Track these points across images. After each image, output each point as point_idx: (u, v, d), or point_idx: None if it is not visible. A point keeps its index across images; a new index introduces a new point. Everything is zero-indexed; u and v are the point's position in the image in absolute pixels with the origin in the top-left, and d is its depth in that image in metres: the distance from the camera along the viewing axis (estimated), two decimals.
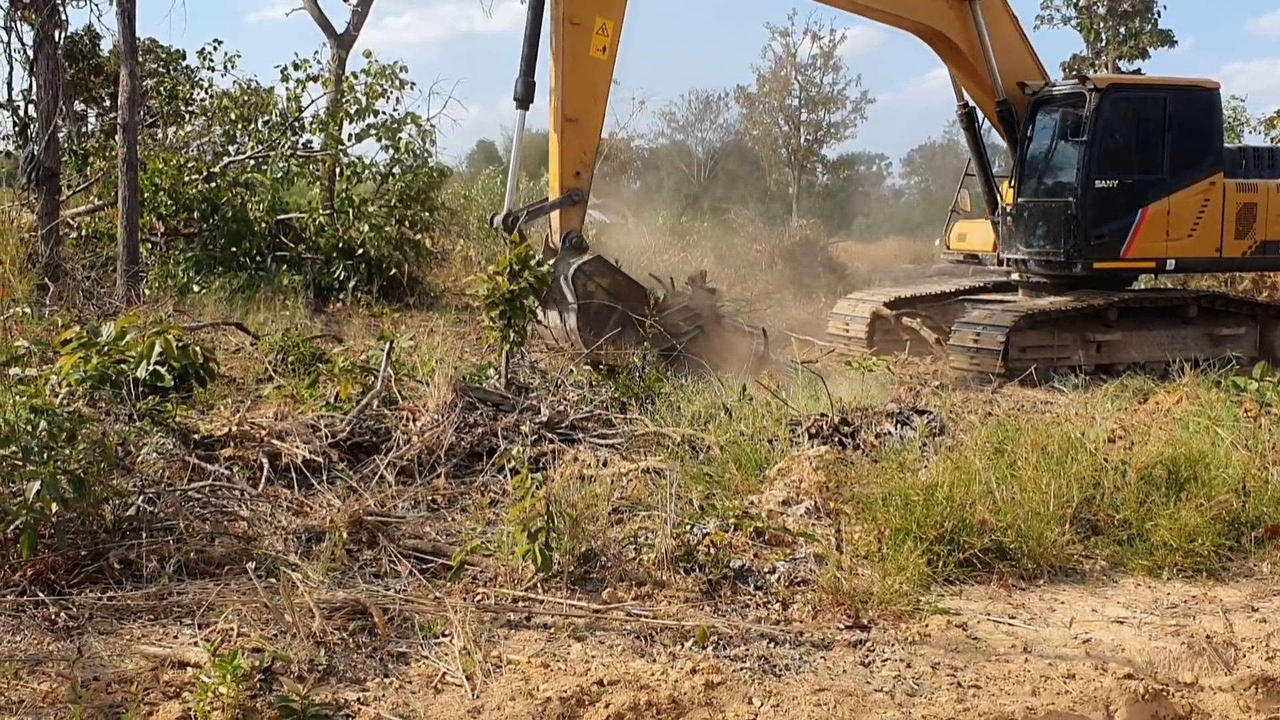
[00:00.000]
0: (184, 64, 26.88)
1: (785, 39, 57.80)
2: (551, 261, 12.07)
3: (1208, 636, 5.82)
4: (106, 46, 25.60)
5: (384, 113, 21.66)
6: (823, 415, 9.16)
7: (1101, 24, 44.17)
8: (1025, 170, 15.67)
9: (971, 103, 16.34)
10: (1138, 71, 42.78)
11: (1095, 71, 40.93)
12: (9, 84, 18.17)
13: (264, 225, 20.17)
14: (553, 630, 5.64)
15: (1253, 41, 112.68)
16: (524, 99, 12.76)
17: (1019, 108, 15.56)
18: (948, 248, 17.86)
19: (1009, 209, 15.80)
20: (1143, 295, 15.55)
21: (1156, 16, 43.78)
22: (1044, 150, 15.56)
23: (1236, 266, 16.80)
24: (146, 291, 16.30)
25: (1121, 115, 14.97)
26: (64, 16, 16.81)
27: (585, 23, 13.05)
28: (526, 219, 12.64)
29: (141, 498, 6.55)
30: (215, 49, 23.27)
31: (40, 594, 5.66)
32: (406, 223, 20.68)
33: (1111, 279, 15.23)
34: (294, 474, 7.47)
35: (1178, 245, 14.92)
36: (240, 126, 22.05)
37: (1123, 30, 43.85)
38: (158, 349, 8.93)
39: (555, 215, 12.90)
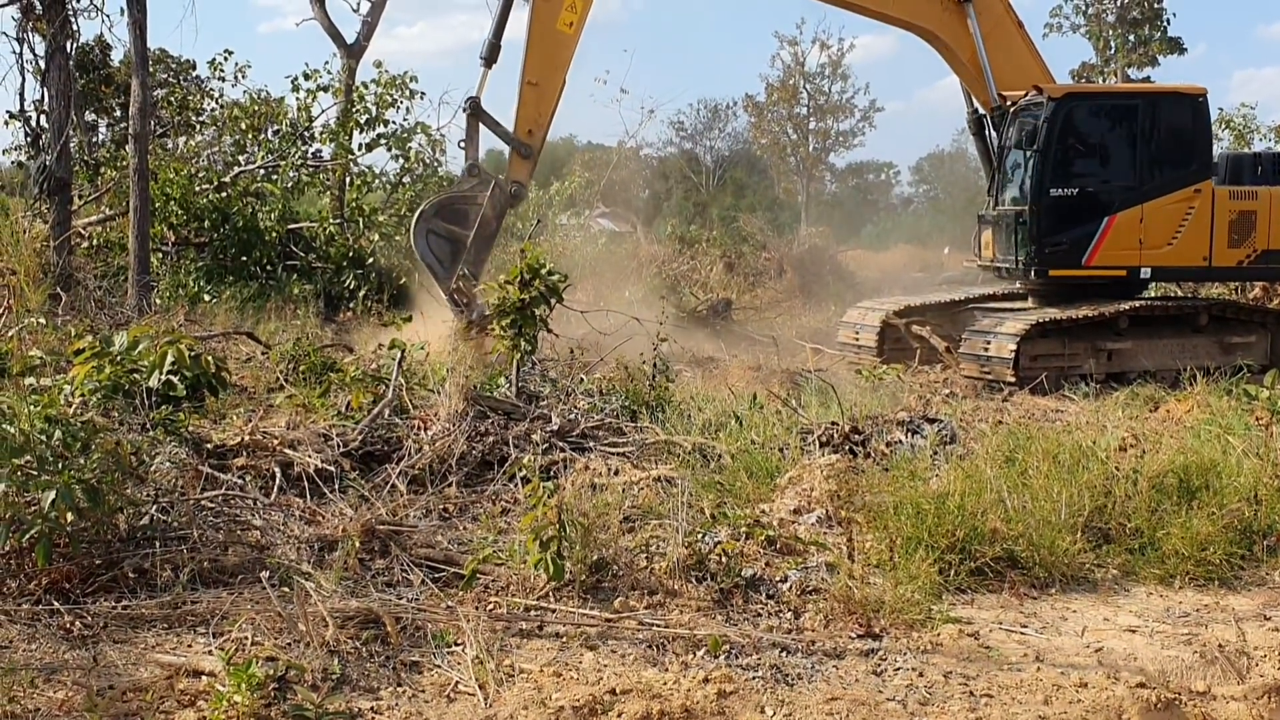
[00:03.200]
0: (194, 74, 27.04)
1: (794, 48, 57.85)
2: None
3: (1220, 645, 5.82)
4: (117, 57, 25.75)
5: (394, 122, 21.76)
6: (834, 423, 9.17)
7: (1110, 31, 44.16)
8: (999, 178, 15.84)
9: (981, 110, 16.40)
10: (1147, 79, 42.86)
11: (1104, 80, 40.93)
12: (21, 95, 18.13)
13: (274, 235, 20.25)
14: (565, 639, 5.65)
15: (1265, 47, 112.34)
16: (488, 58, 14.74)
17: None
18: (976, 256, 17.83)
19: (989, 216, 15.99)
20: (1153, 303, 15.52)
21: (1166, 24, 43.77)
22: (1011, 159, 15.70)
23: (1231, 276, 16.44)
24: (158, 301, 16.36)
25: (1080, 124, 15.08)
26: (75, 27, 16.87)
27: None
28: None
29: (155, 507, 6.57)
30: (225, 59, 23.38)
31: (55, 603, 5.69)
32: None
33: (1091, 287, 15.21)
34: (306, 483, 7.47)
35: (1155, 254, 14.84)
36: (251, 136, 22.15)
37: (1132, 38, 43.83)
38: (170, 358, 8.95)
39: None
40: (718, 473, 8.20)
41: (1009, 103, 15.53)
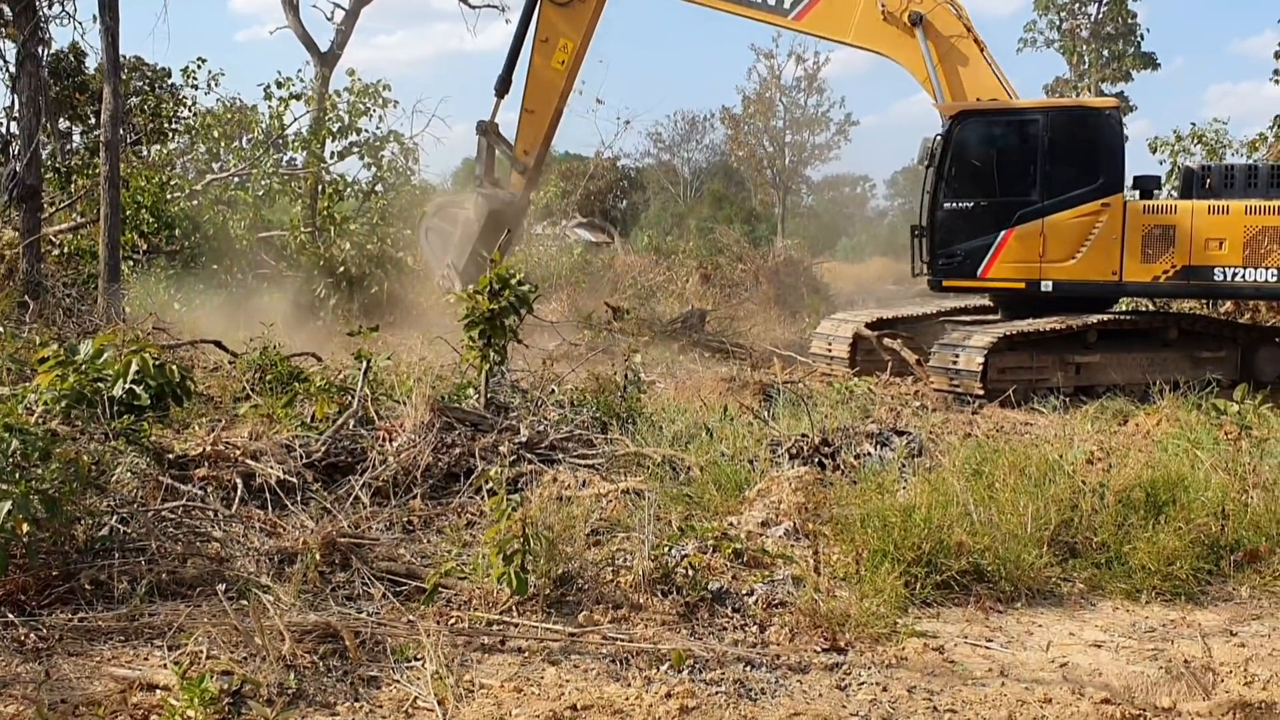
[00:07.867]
0: (169, 82, 26.86)
1: (770, 61, 57.87)
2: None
3: (1186, 661, 5.81)
4: (92, 64, 25.52)
5: (367, 131, 21.72)
6: (803, 436, 9.14)
7: (1084, 47, 44.44)
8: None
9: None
10: (1120, 94, 43.15)
11: (1078, 94, 41.19)
12: None
13: (245, 243, 20.16)
14: (527, 654, 5.59)
15: (1240, 62, 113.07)
16: (500, 90, 17.61)
17: None
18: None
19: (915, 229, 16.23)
20: (1122, 317, 15.57)
21: (1139, 39, 44.08)
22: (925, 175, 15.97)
23: (1147, 292, 16.14)
24: (127, 309, 16.20)
25: (976, 140, 15.22)
26: (47, 34, 16.75)
27: (552, 40, 17.05)
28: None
29: (114, 518, 6.48)
30: (199, 67, 23.26)
31: (9, 615, 5.59)
32: (388, 241, 20.67)
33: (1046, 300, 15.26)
34: (268, 494, 7.39)
35: (1057, 268, 14.89)
36: (223, 144, 22.05)
37: (1106, 53, 44.13)
38: (134, 367, 8.84)
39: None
40: (686, 485, 8.16)
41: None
